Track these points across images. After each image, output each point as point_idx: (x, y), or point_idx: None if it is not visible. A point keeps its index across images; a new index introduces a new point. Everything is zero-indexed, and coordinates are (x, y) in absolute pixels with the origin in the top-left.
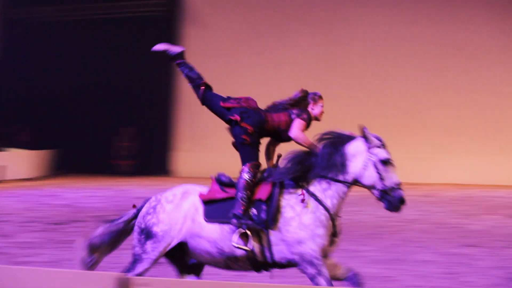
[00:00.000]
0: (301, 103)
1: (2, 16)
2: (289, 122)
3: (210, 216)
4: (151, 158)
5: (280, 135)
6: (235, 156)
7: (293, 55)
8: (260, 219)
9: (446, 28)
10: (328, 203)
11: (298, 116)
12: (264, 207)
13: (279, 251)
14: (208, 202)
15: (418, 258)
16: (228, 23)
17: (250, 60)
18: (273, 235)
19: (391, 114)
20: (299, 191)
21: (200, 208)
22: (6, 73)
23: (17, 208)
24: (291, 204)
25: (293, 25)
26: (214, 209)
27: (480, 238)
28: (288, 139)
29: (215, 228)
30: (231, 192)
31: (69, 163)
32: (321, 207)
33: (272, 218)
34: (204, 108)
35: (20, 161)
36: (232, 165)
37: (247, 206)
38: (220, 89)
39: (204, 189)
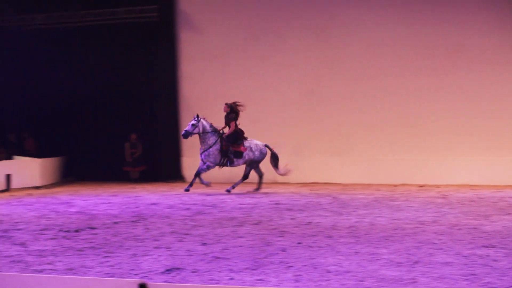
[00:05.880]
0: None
1: None
2: None
3: None
4: (161, 164)
5: None
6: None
7: (291, 59)
8: None
9: (446, 29)
10: None
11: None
12: None
13: None
14: None
15: (436, 260)
16: (223, 28)
17: (247, 64)
18: None
19: (396, 116)
20: None
21: None
22: (2, 81)
23: (30, 216)
24: None
25: (290, 29)
26: None
27: (496, 238)
28: None
29: None
30: None
31: (77, 170)
32: None
33: None
34: (210, 113)
35: (26, 169)
36: (239, 168)
37: None
38: (217, 94)
39: None
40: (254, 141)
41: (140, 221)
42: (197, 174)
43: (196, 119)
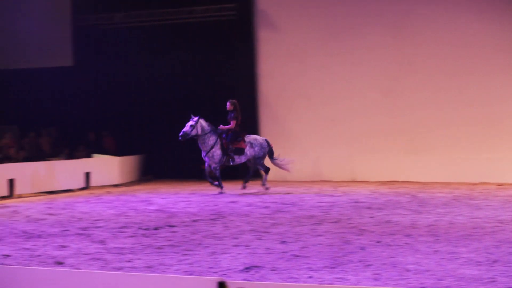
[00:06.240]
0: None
1: (73, 23)
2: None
3: None
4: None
5: None
6: (321, 158)
7: (369, 57)
8: None
9: None
10: None
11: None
12: None
13: None
14: None
15: None
16: (302, 25)
17: (325, 62)
18: None
19: (475, 115)
20: None
21: None
22: (81, 80)
23: (109, 214)
24: None
25: (369, 26)
26: None
27: None
28: None
29: None
30: None
31: (156, 168)
32: None
33: None
34: (288, 111)
35: (105, 167)
36: (317, 167)
37: None
38: (295, 91)
39: None
40: (252, 136)
41: (219, 219)
42: (217, 179)
43: (194, 119)
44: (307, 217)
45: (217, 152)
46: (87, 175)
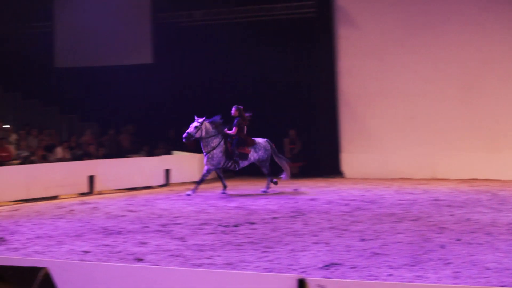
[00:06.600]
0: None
1: (152, 21)
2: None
3: None
4: (320, 159)
5: None
6: (401, 156)
7: (448, 54)
8: None
9: None
10: None
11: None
12: None
13: None
14: None
15: None
16: (381, 23)
17: (404, 59)
18: None
19: None
20: None
21: None
22: (160, 77)
23: (189, 211)
24: None
25: (448, 23)
26: None
27: None
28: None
29: None
30: None
31: None
32: None
33: None
34: (368, 109)
35: (185, 164)
36: (397, 164)
37: None
38: (375, 89)
39: None
40: (255, 140)
41: (299, 217)
42: (201, 179)
43: (198, 121)
44: (387, 215)
45: (217, 154)
46: (167, 172)
